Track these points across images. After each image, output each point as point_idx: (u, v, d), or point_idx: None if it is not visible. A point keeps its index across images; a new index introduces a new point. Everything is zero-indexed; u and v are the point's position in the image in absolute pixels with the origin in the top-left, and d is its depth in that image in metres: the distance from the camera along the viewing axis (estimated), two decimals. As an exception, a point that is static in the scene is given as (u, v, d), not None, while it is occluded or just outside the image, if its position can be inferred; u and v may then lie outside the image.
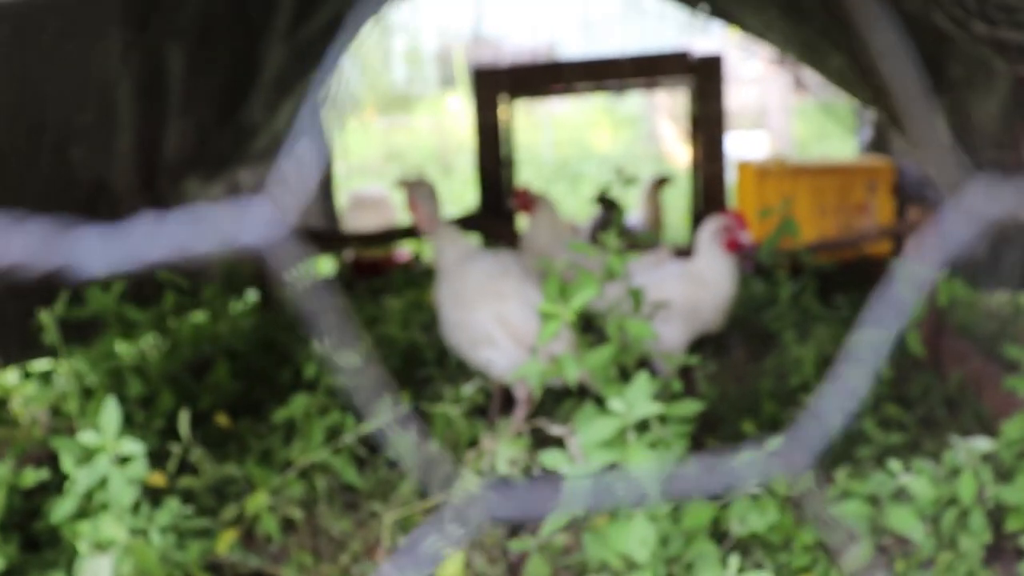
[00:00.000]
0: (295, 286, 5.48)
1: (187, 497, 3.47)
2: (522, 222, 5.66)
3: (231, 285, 5.03)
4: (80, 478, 2.63)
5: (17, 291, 3.27)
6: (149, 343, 4.63)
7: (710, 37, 7.74)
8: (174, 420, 3.23)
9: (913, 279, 4.26)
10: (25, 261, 3.14)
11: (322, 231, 7.63)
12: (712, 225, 4.56)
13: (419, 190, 4.28)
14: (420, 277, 5.95)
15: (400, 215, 7.44)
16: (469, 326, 4.02)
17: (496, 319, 3.95)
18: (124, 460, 2.67)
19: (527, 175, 10.20)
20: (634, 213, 7.90)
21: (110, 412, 2.64)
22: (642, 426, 2.51)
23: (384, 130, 13.21)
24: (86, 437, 2.62)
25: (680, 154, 11.90)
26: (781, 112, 13.87)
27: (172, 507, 2.86)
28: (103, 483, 2.66)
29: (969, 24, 3.46)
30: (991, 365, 4.25)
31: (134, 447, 2.62)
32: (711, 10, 6.85)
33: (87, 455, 2.85)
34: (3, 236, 1.62)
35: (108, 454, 2.61)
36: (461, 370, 4.60)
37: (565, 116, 11.93)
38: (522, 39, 10.15)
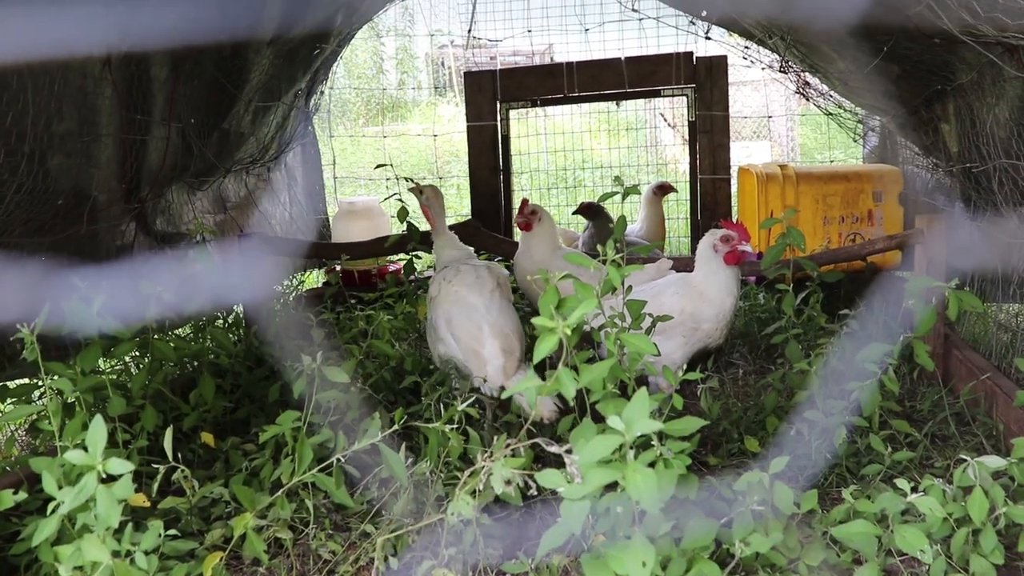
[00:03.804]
0: (283, 300, 5.43)
1: (172, 518, 3.40)
2: (519, 232, 5.61)
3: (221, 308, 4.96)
4: (65, 498, 2.53)
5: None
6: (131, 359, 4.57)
7: (711, 43, 7.66)
8: (158, 439, 3.14)
9: (922, 291, 4.18)
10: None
11: (311, 241, 7.56)
12: (713, 236, 4.48)
13: (430, 194, 4.99)
14: (411, 290, 5.87)
15: (390, 225, 7.36)
16: (432, 323, 4.42)
17: (444, 319, 4.31)
18: (110, 479, 2.57)
19: (524, 183, 10.12)
20: (634, 222, 7.82)
21: (97, 430, 2.55)
22: (642, 444, 2.42)
23: (375, 138, 13.13)
24: (73, 456, 2.53)
25: (681, 162, 11.83)
26: (784, 118, 13.81)
27: (157, 529, 2.76)
28: (86, 504, 2.57)
29: (978, 28, 3.38)
30: (1002, 379, 4.17)
31: (121, 466, 2.52)
32: (712, 15, 6.78)
33: (71, 475, 2.76)
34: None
35: (95, 473, 2.51)
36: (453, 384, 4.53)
37: (563, 123, 11.83)
38: (518, 43, 10.05)
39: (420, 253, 6.01)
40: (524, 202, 5.46)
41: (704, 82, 7.37)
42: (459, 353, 4.22)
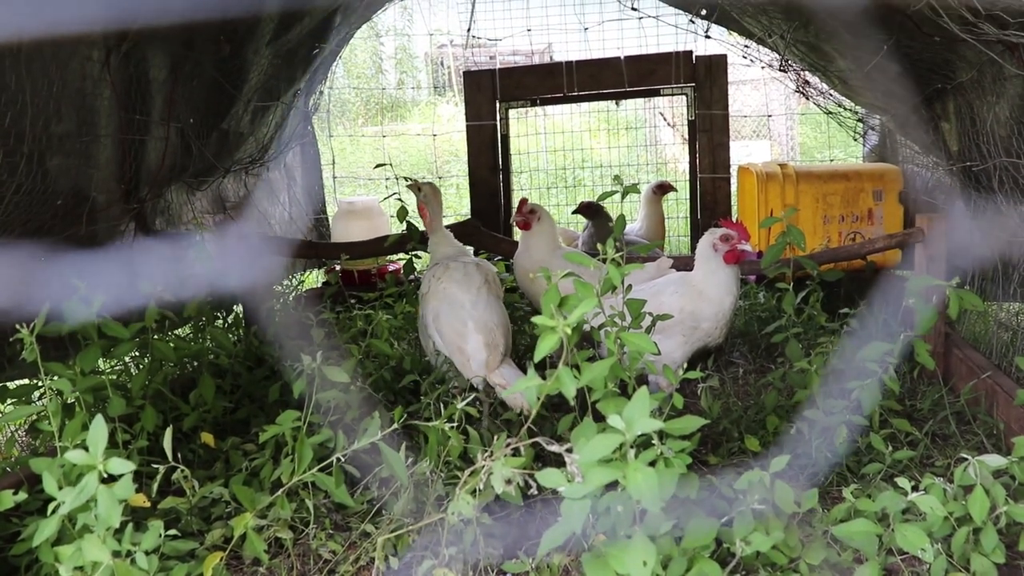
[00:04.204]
0: (282, 300, 5.43)
1: (172, 519, 3.40)
2: (519, 232, 5.61)
3: (216, 299, 4.95)
4: (66, 498, 2.52)
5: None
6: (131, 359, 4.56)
7: (711, 42, 7.65)
8: (158, 439, 3.14)
9: (923, 290, 4.18)
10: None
11: (311, 241, 7.56)
12: (712, 235, 4.48)
13: (428, 192, 4.97)
14: (411, 289, 5.88)
15: (389, 224, 7.35)
16: (422, 319, 4.48)
17: (432, 316, 4.38)
18: (111, 479, 2.57)
19: (523, 183, 10.11)
20: (634, 221, 7.82)
21: (98, 430, 2.55)
22: (642, 443, 2.42)
23: (374, 138, 13.13)
24: (74, 456, 2.53)
25: (681, 161, 11.83)
26: (784, 117, 13.80)
27: (157, 529, 2.76)
28: (86, 504, 2.57)
29: (979, 27, 3.38)
30: (1003, 378, 4.16)
31: (122, 466, 2.52)
32: (712, 14, 6.77)
33: (71, 475, 2.76)
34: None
35: (96, 473, 2.51)
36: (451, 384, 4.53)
37: (562, 122, 11.82)
38: (517, 43, 10.05)
39: (420, 253, 6.01)
40: (523, 201, 5.45)
41: (704, 81, 7.36)
42: (444, 349, 4.30)
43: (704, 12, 6.94)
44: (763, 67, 7.68)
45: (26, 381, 3.70)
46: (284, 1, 5.17)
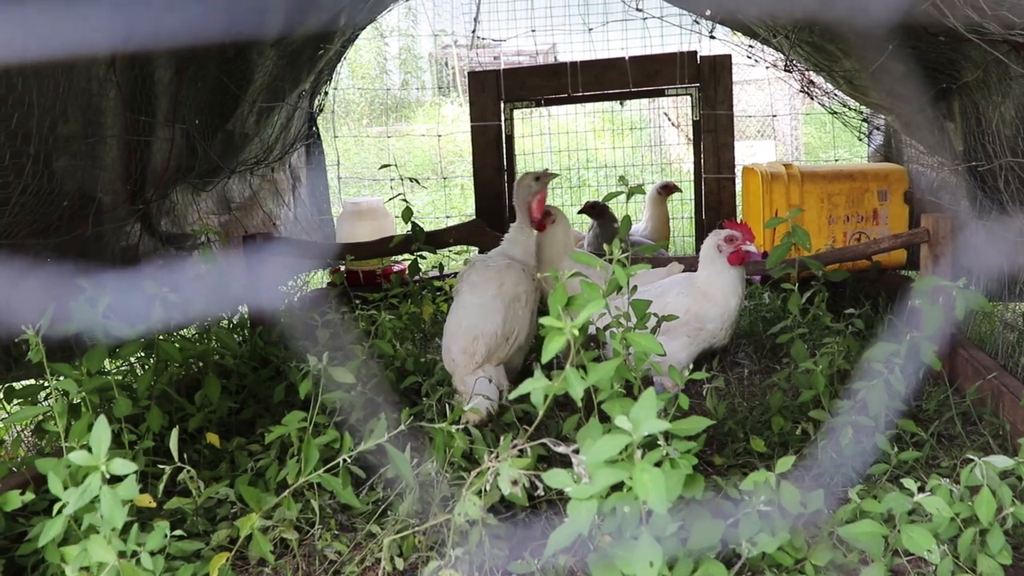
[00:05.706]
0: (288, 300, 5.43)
1: (177, 519, 3.40)
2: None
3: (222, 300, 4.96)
4: (71, 499, 2.53)
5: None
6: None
7: (715, 42, 7.65)
8: (163, 440, 3.14)
9: (929, 290, 4.17)
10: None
11: (315, 242, 7.56)
12: (717, 236, 4.47)
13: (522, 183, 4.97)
14: (416, 290, 5.87)
15: (394, 225, 7.35)
16: None
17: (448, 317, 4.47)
18: (115, 480, 2.57)
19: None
20: (639, 222, 7.82)
21: (101, 430, 2.55)
22: (648, 444, 2.41)
23: (379, 138, 13.13)
24: (77, 457, 2.53)
25: (685, 161, 11.83)
26: (788, 117, 13.78)
27: (163, 529, 2.76)
28: (92, 505, 2.57)
29: (984, 26, 3.37)
30: (1009, 379, 4.15)
31: (125, 466, 2.52)
32: (716, 14, 6.77)
33: (77, 476, 2.77)
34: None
35: (99, 474, 2.52)
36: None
37: (566, 123, 11.83)
38: (522, 43, 10.05)
39: (424, 253, 6.01)
40: (541, 200, 5.46)
41: (708, 81, 7.35)
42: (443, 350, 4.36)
43: (708, 12, 6.94)
44: (767, 67, 7.67)
45: (32, 382, 3.71)
46: (288, 13, 5.18)
